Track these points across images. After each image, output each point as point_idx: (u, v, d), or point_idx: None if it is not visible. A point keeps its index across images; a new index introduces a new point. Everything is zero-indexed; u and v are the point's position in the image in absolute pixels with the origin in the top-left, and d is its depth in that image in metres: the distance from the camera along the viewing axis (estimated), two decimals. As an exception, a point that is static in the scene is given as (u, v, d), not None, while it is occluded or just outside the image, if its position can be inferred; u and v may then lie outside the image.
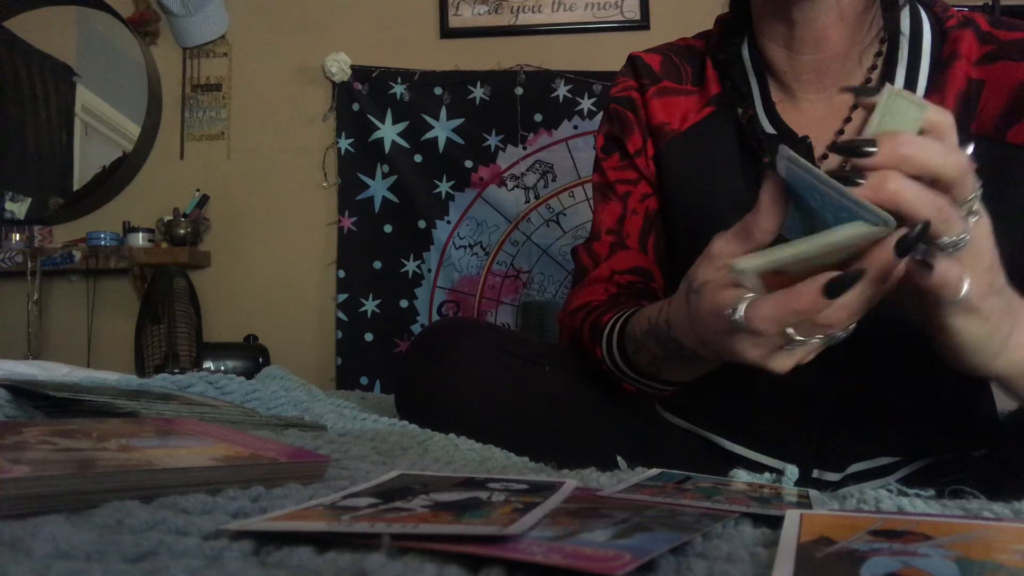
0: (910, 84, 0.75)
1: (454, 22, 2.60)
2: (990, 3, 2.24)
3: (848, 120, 0.77)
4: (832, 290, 0.46)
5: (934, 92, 0.73)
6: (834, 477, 0.79)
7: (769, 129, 0.79)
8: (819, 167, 0.75)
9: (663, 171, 0.85)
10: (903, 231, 0.46)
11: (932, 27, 0.77)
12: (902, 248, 0.45)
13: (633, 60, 0.89)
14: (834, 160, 0.77)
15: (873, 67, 0.77)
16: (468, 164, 2.52)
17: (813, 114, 0.79)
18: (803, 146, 0.76)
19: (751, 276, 0.49)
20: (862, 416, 0.78)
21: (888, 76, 0.76)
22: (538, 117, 2.51)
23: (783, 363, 0.52)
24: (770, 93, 0.80)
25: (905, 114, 0.48)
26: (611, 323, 0.78)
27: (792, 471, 0.76)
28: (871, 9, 0.75)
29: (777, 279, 0.49)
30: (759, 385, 0.79)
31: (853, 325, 0.50)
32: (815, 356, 0.52)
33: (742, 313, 0.49)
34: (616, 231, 0.88)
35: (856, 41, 0.76)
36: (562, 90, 2.51)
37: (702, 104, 0.84)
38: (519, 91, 2.51)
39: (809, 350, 0.51)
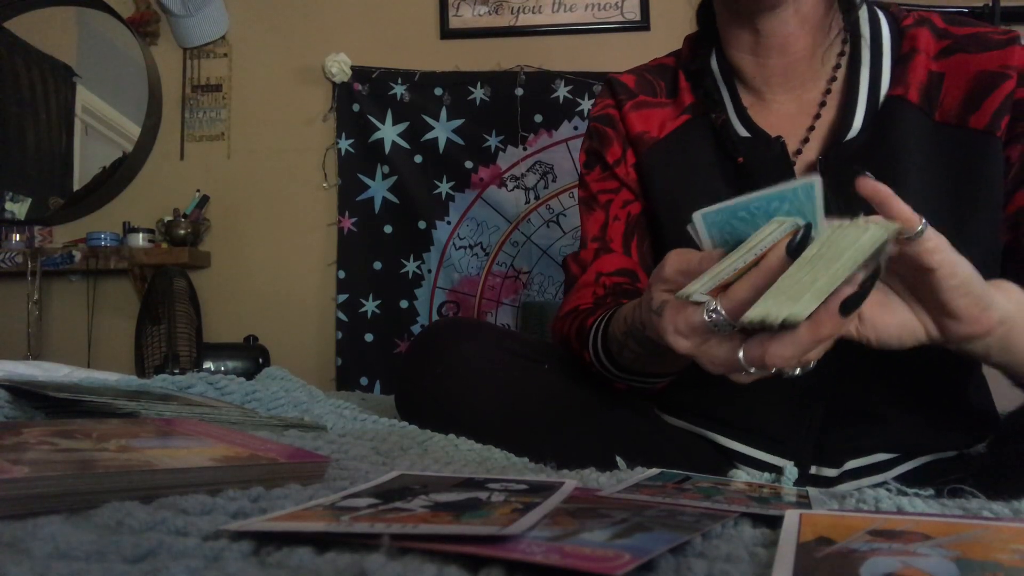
0: (874, 80, 0.79)
1: (454, 23, 2.59)
2: (990, 3, 2.24)
3: (818, 117, 0.81)
4: (846, 308, 0.47)
5: (898, 86, 0.78)
6: (832, 473, 0.79)
7: (743, 132, 0.82)
8: (795, 162, 0.79)
9: (645, 176, 0.89)
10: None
11: (890, 26, 0.81)
12: (845, 308, 0.47)
13: (609, 81, 0.94)
14: (809, 153, 0.80)
15: (837, 66, 0.81)
16: (468, 165, 2.52)
17: (784, 113, 0.83)
18: (777, 145, 0.80)
19: (700, 296, 0.52)
20: (858, 412, 0.79)
21: (853, 73, 0.80)
22: (538, 118, 2.51)
23: (742, 379, 0.54)
24: (741, 98, 0.84)
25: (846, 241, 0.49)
26: (594, 326, 0.79)
27: (791, 471, 0.77)
28: (830, 12, 0.80)
29: (718, 289, 0.52)
30: (760, 381, 0.79)
31: (799, 371, 0.51)
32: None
33: (741, 356, 0.51)
34: (600, 237, 0.91)
35: (819, 43, 0.81)
36: (562, 91, 2.51)
37: (678, 113, 0.88)
38: (519, 92, 2.51)
39: (760, 377, 0.53)
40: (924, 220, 0.51)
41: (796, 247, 0.48)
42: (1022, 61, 0.75)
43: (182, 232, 2.49)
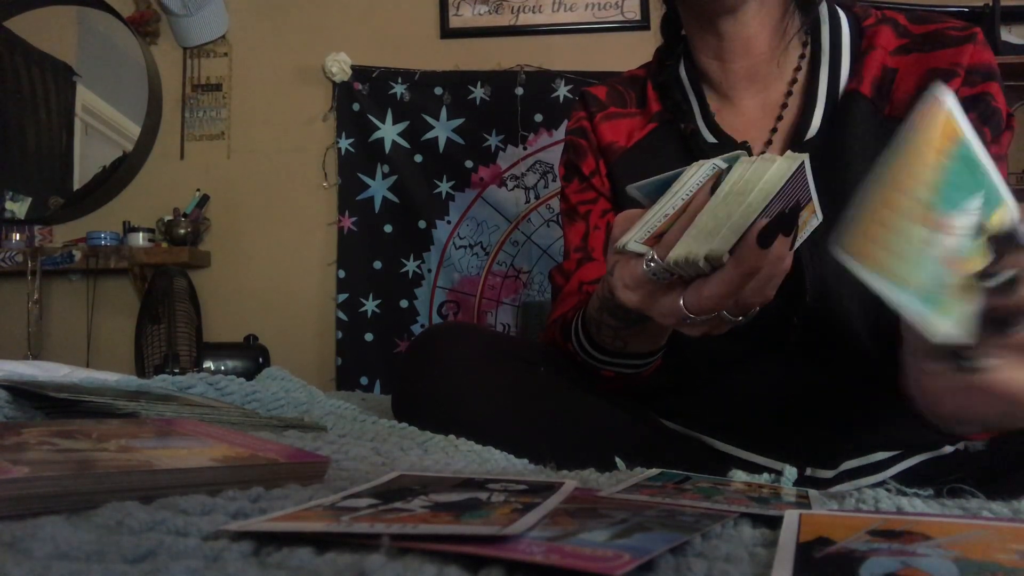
0: (833, 78, 0.82)
1: (454, 22, 2.60)
2: (990, 3, 2.24)
3: (780, 118, 0.84)
4: (764, 240, 0.48)
5: (853, 79, 0.81)
6: (827, 474, 0.80)
7: (710, 139, 0.85)
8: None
9: (616, 185, 0.91)
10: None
11: (851, 25, 0.84)
12: (763, 239, 0.47)
13: (583, 94, 0.97)
14: (772, 154, 0.81)
15: (798, 68, 0.84)
16: (468, 164, 2.52)
17: (749, 116, 0.86)
18: (744, 150, 0.80)
19: (637, 245, 0.53)
20: (851, 411, 0.79)
21: (813, 73, 0.83)
22: (538, 117, 2.51)
23: (692, 332, 0.55)
24: (708, 105, 0.87)
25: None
26: (575, 316, 0.82)
27: (791, 471, 0.77)
28: (786, 15, 0.83)
29: (654, 239, 0.53)
30: (747, 386, 0.80)
31: (741, 318, 0.53)
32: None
33: (681, 303, 0.52)
34: (582, 248, 0.93)
35: (776, 45, 0.84)
36: (562, 90, 2.51)
37: (645, 122, 0.91)
38: (519, 91, 2.51)
39: (708, 328, 0.54)
40: None
41: (766, 238, 0.48)
42: (972, 59, 0.77)
43: (182, 231, 2.49)
